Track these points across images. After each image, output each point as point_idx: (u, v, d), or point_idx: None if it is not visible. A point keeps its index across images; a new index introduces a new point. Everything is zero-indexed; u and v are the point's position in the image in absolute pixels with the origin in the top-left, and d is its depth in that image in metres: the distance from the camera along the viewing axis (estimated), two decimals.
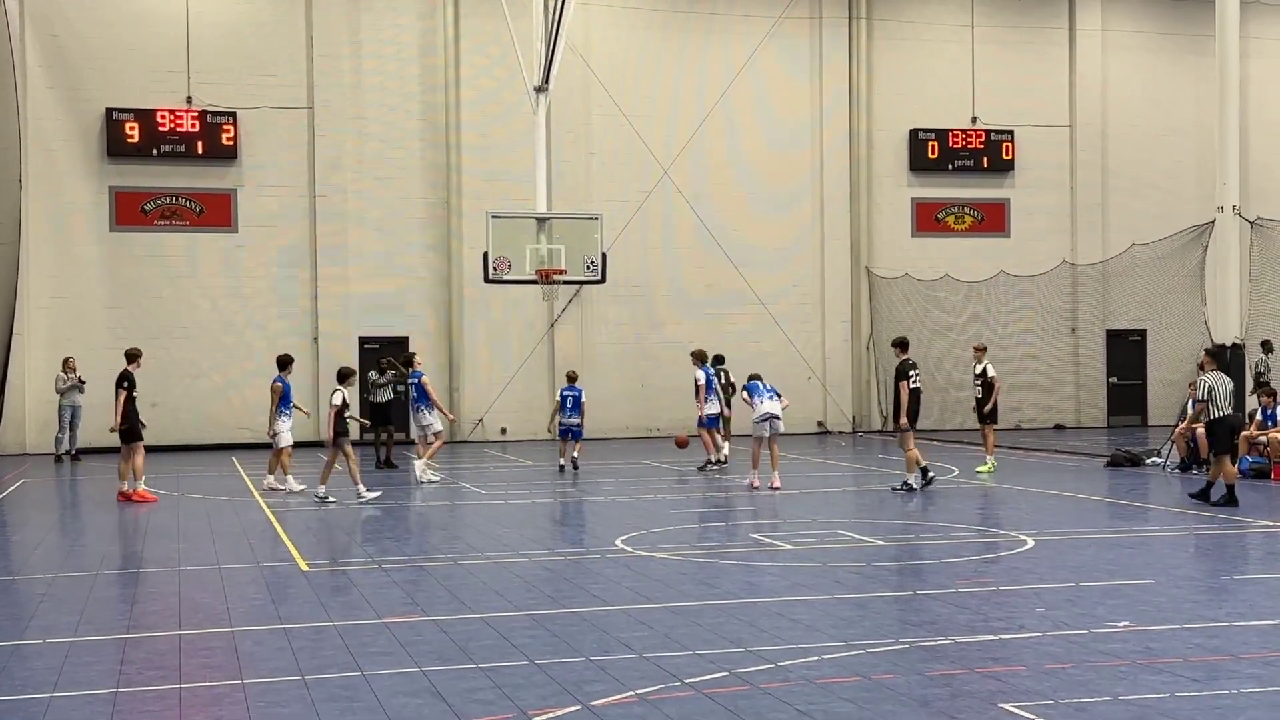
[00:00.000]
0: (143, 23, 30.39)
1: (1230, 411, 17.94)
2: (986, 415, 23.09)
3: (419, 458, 22.29)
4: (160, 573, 13.24)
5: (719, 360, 25.36)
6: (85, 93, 30.04)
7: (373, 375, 25.51)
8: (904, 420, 19.47)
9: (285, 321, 31.05)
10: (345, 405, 19.82)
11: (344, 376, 20.26)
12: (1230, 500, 17.55)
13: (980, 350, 23.76)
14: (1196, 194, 34.38)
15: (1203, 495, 17.89)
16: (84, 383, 27.78)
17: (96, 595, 12.01)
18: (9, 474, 24.79)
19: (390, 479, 22.79)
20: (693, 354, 24.30)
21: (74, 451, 27.68)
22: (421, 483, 21.68)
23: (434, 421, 22.55)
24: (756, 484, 20.42)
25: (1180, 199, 35.01)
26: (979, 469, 22.77)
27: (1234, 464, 18.20)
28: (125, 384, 19.85)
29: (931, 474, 20.03)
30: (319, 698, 8.28)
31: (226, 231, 30.87)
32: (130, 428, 19.81)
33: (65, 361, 28.02)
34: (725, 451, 23.93)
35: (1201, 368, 18.85)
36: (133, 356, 20.48)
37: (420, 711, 7.94)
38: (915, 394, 19.64)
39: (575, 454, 23.62)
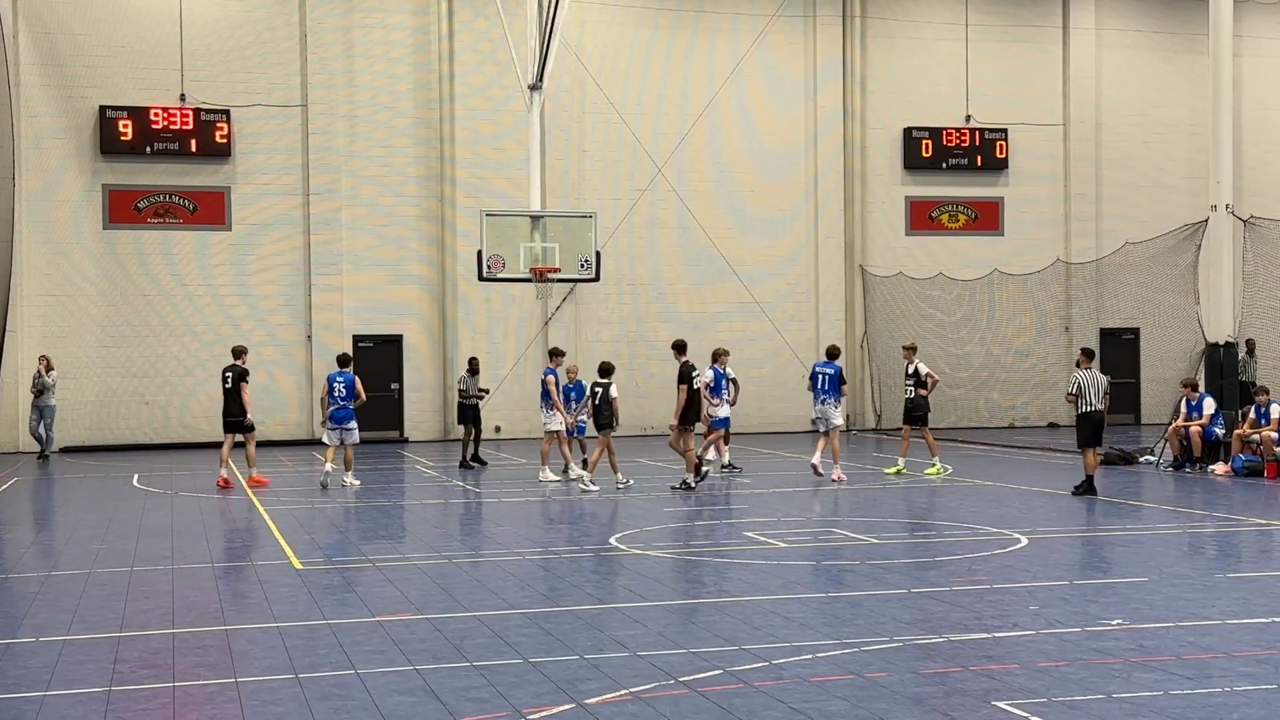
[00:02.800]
0: (136, 20, 30.35)
1: (1099, 407, 18.90)
2: (920, 416, 22.53)
3: (545, 462, 21.95)
4: (153, 571, 13.22)
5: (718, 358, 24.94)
6: (79, 90, 29.99)
7: (464, 376, 24.94)
8: (674, 421, 20.41)
9: (279, 319, 31.03)
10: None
11: (607, 371, 20.82)
12: (1089, 489, 18.65)
13: (910, 350, 23.28)
14: (1190, 193, 34.46)
15: (1086, 489, 18.73)
16: (44, 387, 27.16)
17: (89, 593, 11.99)
18: (2, 472, 24.73)
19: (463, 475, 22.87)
20: (712, 352, 23.17)
21: (45, 453, 27.24)
22: (542, 482, 21.45)
23: (550, 420, 22.05)
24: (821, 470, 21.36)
25: (1174, 198, 35.08)
26: (894, 470, 22.32)
27: (1097, 456, 19.33)
28: (244, 379, 21.36)
29: (707, 469, 20.63)
30: (313, 696, 8.27)
31: (220, 229, 30.84)
32: (245, 420, 21.36)
33: (40, 359, 27.65)
34: (715, 457, 22.95)
35: (1078, 365, 19.52)
36: (241, 353, 21.87)
37: (414, 710, 7.94)
38: (695, 395, 20.42)
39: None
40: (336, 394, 21.20)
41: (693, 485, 20.14)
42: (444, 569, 13.19)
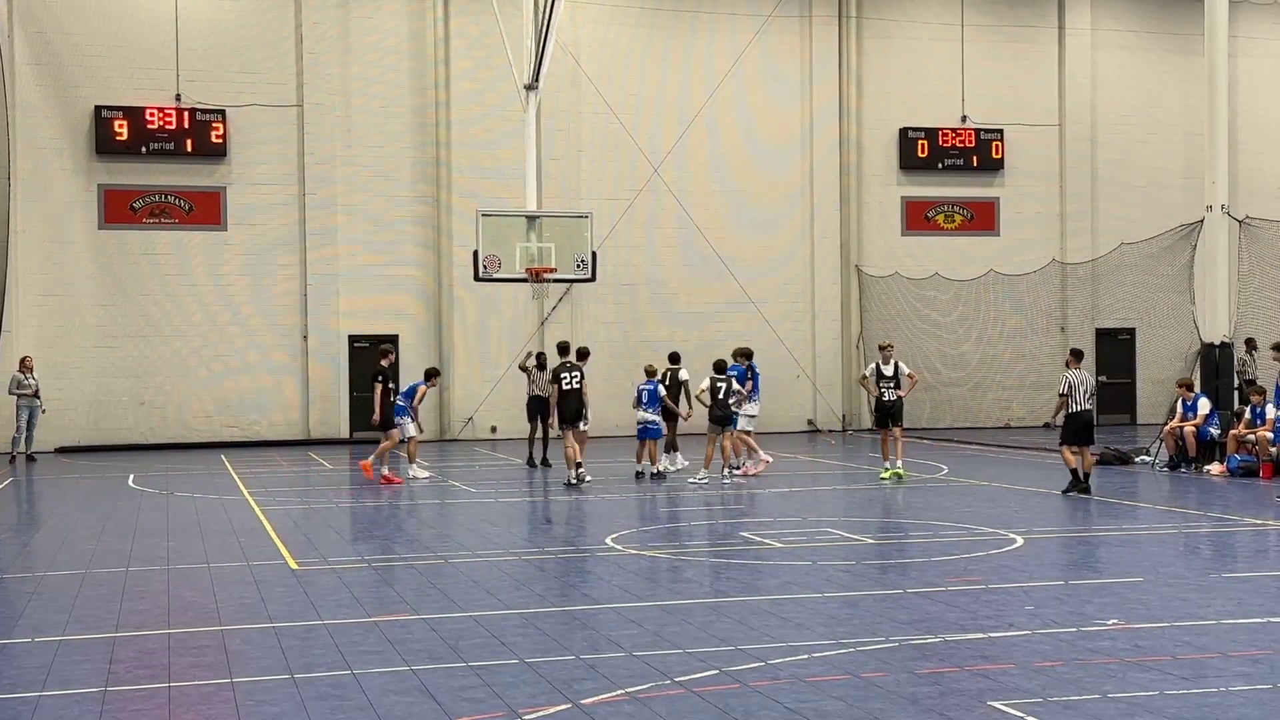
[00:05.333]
0: (132, 20, 30.32)
1: (1088, 407, 19.18)
2: (897, 416, 21.52)
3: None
4: (149, 571, 13.21)
5: (675, 359, 24.18)
6: (74, 90, 29.96)
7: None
8: (554, 420, 21.65)
9: (274, 319, 31.02)
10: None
11: (723, 367, 21.98)
12: (1076, 486, 18.91)
13: (888, 349, 22.20)
14: (1185, 193, 34.45)
15: (1081, 488, 18.89)
16: (37, 393, 27.18)
17: (85, 594, 11.98)
18: None
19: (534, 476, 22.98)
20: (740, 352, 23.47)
21: (29, 453, 27.06)
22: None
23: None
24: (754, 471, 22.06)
25: (1169, 198, 35.07)
26: (891, 474, 21.20)
27: (1091, 455, 19.54)
28: (380, 378, 21.84)
29: (576, 479, 20.92)
30: (308, 696, 8.27)
31: (216, 229, 30.82)
32: (386, 417, 21.78)
33: (22, 361, 27.53)
34: (679, 462, 23.06)
35: (1067, 365, 19.64)
36: (385, 353, 22.44)
37: (410, 710, 7.94)
38: (567, 394, 21.28)
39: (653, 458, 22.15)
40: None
41: (574, 483, 20.74)
42: (440, 569, 13.18)
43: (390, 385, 21.98)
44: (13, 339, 29.16)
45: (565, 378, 21.39)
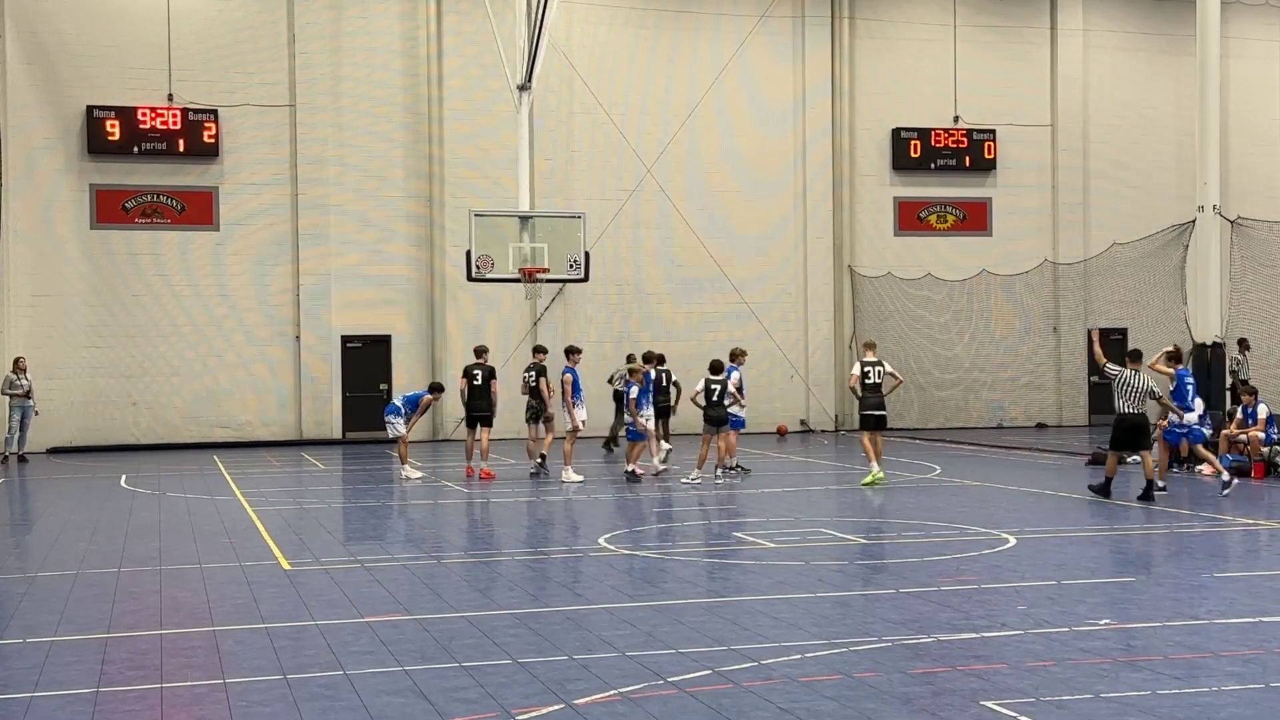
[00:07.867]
0: (124, 20, 30.28)
1: (1130, 411, 19.01)
2: (880, 419, 20.83)
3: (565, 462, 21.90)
4: (141, 572, 13.19)
5: (660, 360, 24.12)
6: (66, 90, 29.91)
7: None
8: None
9: (266, 319, 30.99)
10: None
11: (719, 368, 21.94)
12: (1103, 492, 18.72)
13: (870, 348, 21.46)
14: (1177, 193, 34.54)
15: (1100, 491, 18.72)
16: (30, 394, 27.21)
17: (77, 594, 11.97)
18: None
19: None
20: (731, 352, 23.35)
21: (21, 453, 27.04)
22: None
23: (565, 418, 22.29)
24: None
25: (1161, 198, 35.15)
26: (870, 478, 20.47)
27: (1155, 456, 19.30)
28: (495, 375, 22.83)
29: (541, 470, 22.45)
30: (301, 697, 8.26)
31: (208, 229, 30.78)
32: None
33: (16, 362, 27.52)
34: (666, 452, 22.95)
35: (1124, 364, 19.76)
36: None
37: (403, 710, 7.93)
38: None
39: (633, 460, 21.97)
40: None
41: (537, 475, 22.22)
42: (432, 569, 13.18)
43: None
44: (3, 339, 29.13)
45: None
